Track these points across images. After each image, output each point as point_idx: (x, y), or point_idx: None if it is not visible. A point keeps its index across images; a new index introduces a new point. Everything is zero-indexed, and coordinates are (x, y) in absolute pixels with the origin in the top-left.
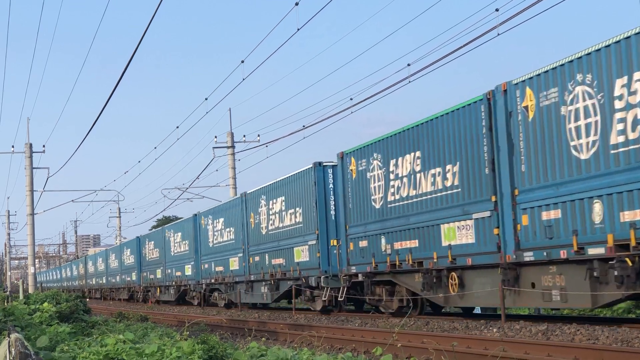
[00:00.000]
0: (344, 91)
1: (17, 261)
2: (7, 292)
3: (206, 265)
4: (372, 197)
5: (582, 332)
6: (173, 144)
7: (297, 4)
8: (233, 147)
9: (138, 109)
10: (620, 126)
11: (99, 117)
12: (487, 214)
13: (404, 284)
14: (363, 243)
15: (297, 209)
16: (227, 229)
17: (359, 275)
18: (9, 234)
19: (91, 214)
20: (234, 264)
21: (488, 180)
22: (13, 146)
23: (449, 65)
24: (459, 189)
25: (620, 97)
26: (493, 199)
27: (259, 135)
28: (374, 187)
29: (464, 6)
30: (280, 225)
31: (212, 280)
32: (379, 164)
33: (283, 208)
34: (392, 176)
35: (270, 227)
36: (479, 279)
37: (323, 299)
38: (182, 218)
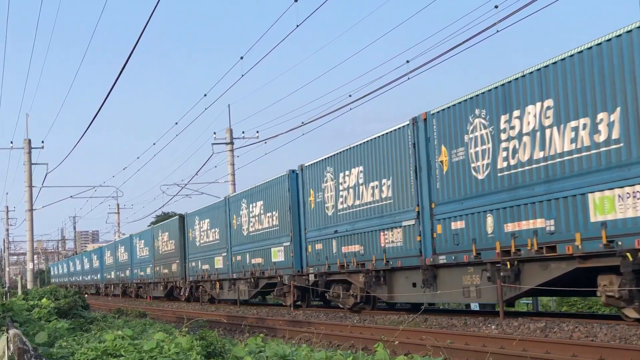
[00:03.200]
0: (343, 88)
1: (15, 257)
2: (6, 288)
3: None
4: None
5: (581, 329)
6: (172, 140)
7: (296, 0)
8: (232, 143)
9: (137, 105)
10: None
11: (98, 112)
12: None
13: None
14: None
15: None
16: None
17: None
18: (7, 230)
19: (90, 210)
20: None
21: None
22: (12, 142)
23: (448, 62)
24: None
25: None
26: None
27: (257, 132)
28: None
29: (463, 3)
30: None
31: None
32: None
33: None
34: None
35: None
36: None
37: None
38: (176, 215)
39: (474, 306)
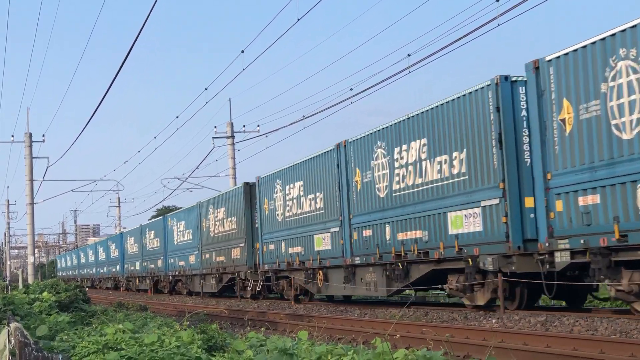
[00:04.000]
0: (344, 81)
1: (16, 250)
2: (7, 282)
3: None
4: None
5: (581, 323)
6: (173, 134)
7: None
8: (233, 137)
9: (138, 99)
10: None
11: (99, 106)
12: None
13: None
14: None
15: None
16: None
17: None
18: (8, 223)
19: (91, 204)
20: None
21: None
22: (13, 135)
23: (449, 55)
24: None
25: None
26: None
27: (258, 126)
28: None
29: None
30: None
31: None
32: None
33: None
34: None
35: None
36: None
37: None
38: (181, 208)
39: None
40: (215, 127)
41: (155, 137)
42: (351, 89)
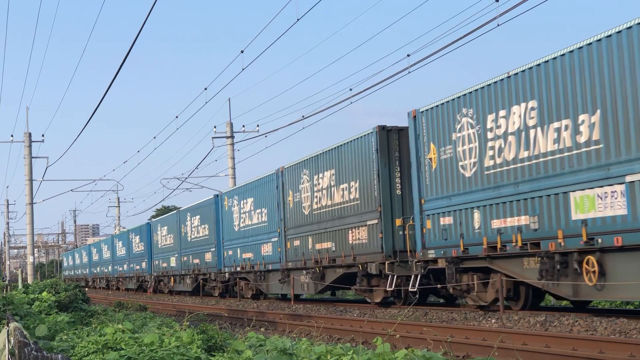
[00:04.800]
0: (344, 82)
1: (16, 250)
2: (6, 281)
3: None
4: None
5: (581, 323)
6: (172, 134)
7: None
8: (232, 137)
9: (138, 99)
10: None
11: (98, 106)
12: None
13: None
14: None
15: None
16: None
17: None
18: (7, 223)
19: (90, 204)
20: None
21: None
22: (12, 135)
23: (449, 55)
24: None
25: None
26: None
27: (258, 126)
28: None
29: None
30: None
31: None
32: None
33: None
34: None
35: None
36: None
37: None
38: (180, 208)
39: None
40: (215, 127)
41: (154, 137)
42: (351, 89)
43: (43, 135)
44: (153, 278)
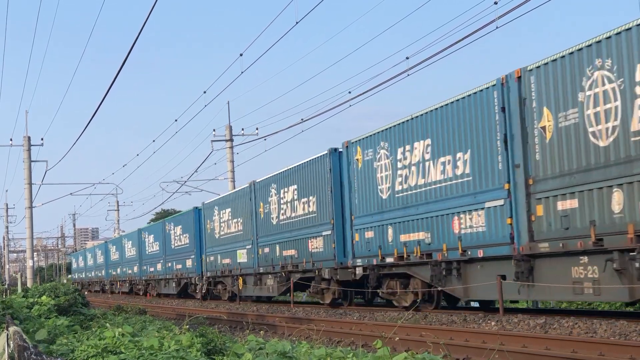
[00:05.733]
0: (343, 84)
1: (15, 254)
2: (6, 285)
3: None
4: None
5: (580, 325)
6: (172, 137)
7: None
8: (231, 140)
9: (137, 102)
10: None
11: (97, 109)
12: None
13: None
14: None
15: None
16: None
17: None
18: (7, 227)
19: (90, 207)
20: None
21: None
22: (11, 139)
23: (448, 58)
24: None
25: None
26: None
27: (257, 129)
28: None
29: None
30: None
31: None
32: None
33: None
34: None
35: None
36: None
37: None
38: (180, 211)
39: (474, 302)
40: (214, 130)
41: (154, 141)
42: (350, 92)
43: (42, 139)
44: (205, 280)
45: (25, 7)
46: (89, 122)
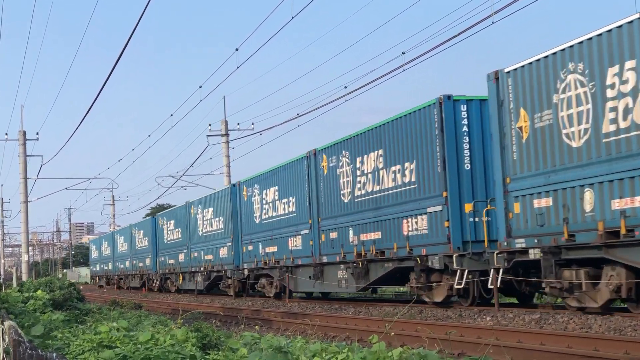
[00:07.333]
0: (339, 79)
1: (10, 249)
2: (1, 280)
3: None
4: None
5: (575, 320)
6: (167, 132)
7: None
8: (227, 135)
9: (132, 97)
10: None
11: (93, 104)
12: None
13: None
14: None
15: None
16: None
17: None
18: (2, 221)
19: (85, 202)
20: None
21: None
22: (7, 133)
23: (444, 53)
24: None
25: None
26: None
27: (253, 124)
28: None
29: None
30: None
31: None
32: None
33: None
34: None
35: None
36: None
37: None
38: (175, 206)
39: None
40: (210, 125)
41: (149, 135)
42: (345, 87)
43: (38, 134)
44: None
45: (21, 1)
46: (85, 116)
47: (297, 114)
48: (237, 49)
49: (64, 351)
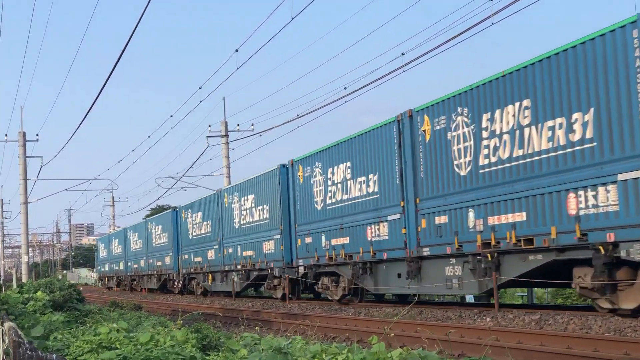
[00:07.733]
0: (338, 80)
1: (10, 250)
2: (1, 281)
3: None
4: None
5: (575, 321)
6: (167, 133)
7: None
8: (227, 136)
9: (132, 98)
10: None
11: (93, 105)
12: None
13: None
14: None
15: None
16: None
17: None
18: (2, 223)
19: (85, 203)
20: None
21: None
22: (6, 135)
23: (444, 54)
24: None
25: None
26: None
27: (252, 125)
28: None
29: None
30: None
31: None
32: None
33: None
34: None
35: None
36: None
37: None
38: (174, 207)
39: (469, 298)
40: (210, 126)
41: (149, 136)
42: (345, 88)
43: (37, 135)
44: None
45: (21, 2)
46: (85, 117)
47: (297, 115)
48: (237, 50)
49: (64, 352)
